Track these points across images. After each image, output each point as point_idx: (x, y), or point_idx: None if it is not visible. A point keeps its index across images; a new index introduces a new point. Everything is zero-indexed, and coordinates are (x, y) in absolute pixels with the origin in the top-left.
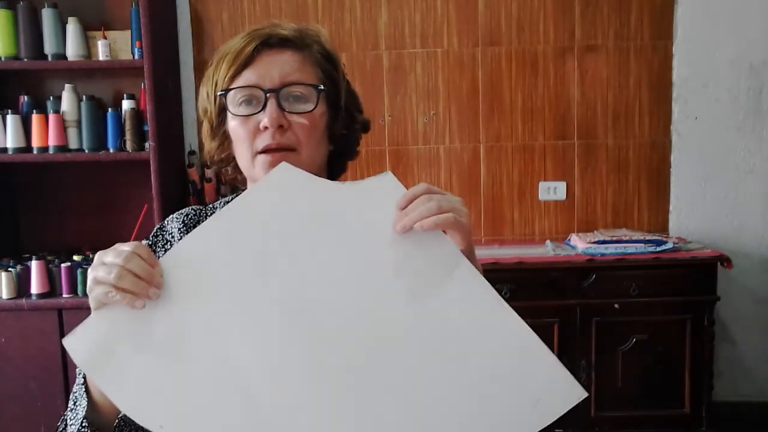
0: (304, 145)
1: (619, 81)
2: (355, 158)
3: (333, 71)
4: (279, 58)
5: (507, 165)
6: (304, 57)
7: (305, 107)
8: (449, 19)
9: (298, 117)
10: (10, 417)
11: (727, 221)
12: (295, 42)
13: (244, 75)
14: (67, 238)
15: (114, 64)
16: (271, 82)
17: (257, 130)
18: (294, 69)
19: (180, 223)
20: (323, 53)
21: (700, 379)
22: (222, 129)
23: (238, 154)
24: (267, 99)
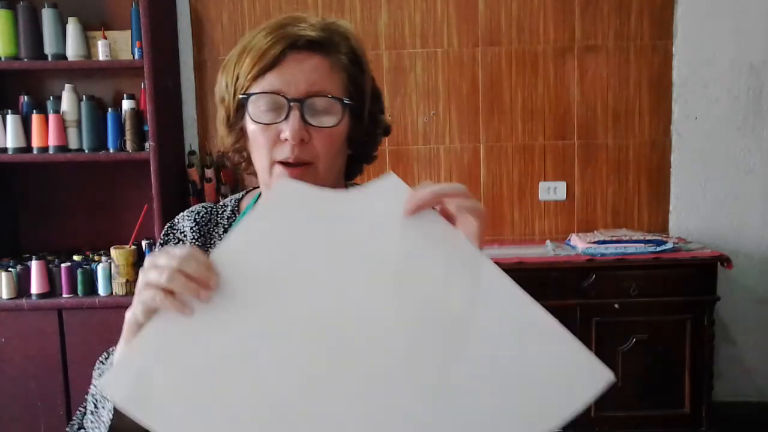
0: (322, 159)
1: (619, 81)
2: (371, 162)
3: (359, 76)
4: (306, 63)
5: (507, 165)
6: (332, 63)
7: (329, 121)
8: (449, 19)
9: (320, 131)
10: (10, 417)
11: (727, 221)
12: (323, 45)
13: (268, 78)
14: (67, 238)
15: (114, 64)
16: (296, 90)
17: (277, 140)
18: (320, 77)
19: (192, 221)
20: (351, 55)
21: (700, 379)
22: (239, 125)
23: (254, 157)
24: (290, 109)
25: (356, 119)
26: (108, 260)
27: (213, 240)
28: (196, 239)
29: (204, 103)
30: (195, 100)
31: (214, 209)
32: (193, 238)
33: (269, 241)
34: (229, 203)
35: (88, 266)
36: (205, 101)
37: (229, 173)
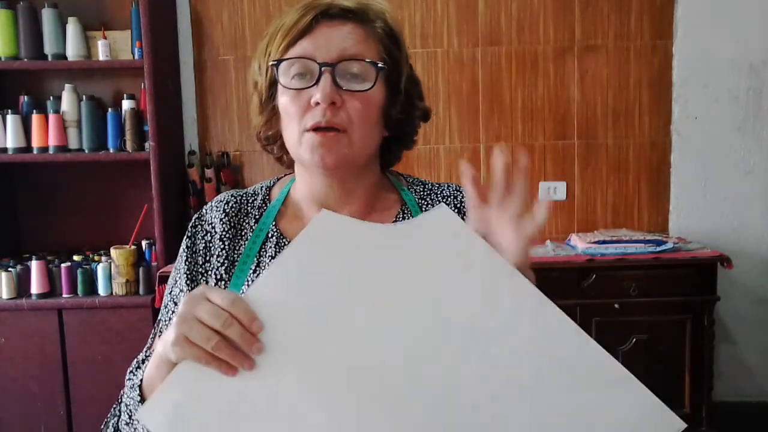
0: (356, 127)
1: (619, 81)
2: (411, 148)
3: (395, 50)
4: (339, 29)
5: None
6: (366, 32)
7: (362, 86)
8: (449, 19)
9: (353, 95)
10: (10, 417)
11: (727, 221)
12: (357, 14)
13: (300, 45)
14: (67, 238)
15: (114, 64)
16: (327, 55)
17: (308, 106)
18: (354, 42)
19: (221, 212)
20: (386, 30)
21: (700, 379)
22: (271, 104)
23: (285, 131)
24: (321, 73)
25: (392, 92)
26: (108, 260)
27: (244, 231)
28: (226, 231)
29: (204, 103)
30: (195, 100)
31: (244, 198)
32: (222, 231)
33: (308, 279)
34: (260, 191)
35: (88, 266)
36: (205, 101)
37: (229, 173)
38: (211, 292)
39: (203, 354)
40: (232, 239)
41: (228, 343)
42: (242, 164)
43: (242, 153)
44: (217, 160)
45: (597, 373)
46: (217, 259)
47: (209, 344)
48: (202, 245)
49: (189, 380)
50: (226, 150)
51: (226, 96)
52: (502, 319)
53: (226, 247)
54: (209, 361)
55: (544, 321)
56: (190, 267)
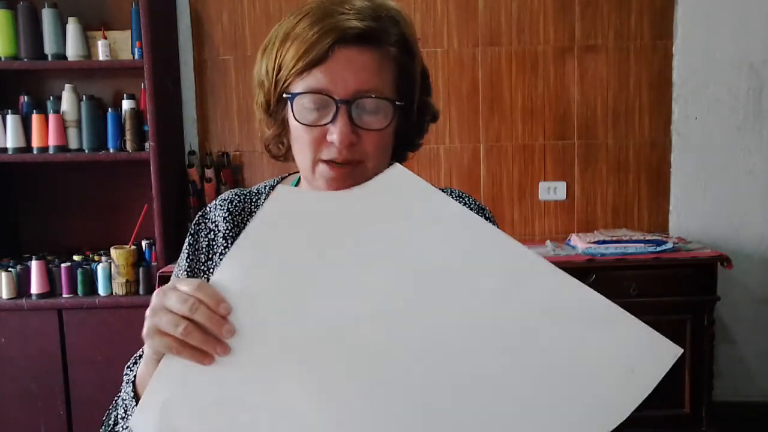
0: (372, 158)
1: (619, 81)
2: (416, 150)
3: (410, 64)
4: (355, 59)
5: (507, 165)
6: (382, 57)
7: (378, 123)
8: (449, 19)
9: (369, 132)
10: (10, 417)
11: (727, 221)
12: (374, 38)
13: (314, 75)
14: (67, 238)
15: (114, 64)
16: (344, 90)
17: (323, 140)
18: (370, 75)
19: (225, 211)
20: (401, 42)
21: (700, 379)
22: (281, 115)
23: (297, 153)
24: (338, 110)
25: (406, 114)
26: (108, 260)
27: None
28: (230, 230)
29: (204, 103)
30: (195, 100)
31: (248, 197)
32: (226, 229)
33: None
34: (264, 190)
35: (88, 266)
36: (205, 101)
37: (229, 173)
38: (179, 283)
39: (175, 343)
40: (235, 238)
41: (199, 329)
42: (242, 164)
43: (242, 153)
44: (217, 160)
45: (582, 311)
46: (219, 257)
47: (178, 330)
48: (205, 243)
49: (172, 378)
50: (226, 150)
51: (226, 96)
52: (474, 268)
53: (229, 246)
54: (181, 351)
55: (517, 264)
56: (192, 264)
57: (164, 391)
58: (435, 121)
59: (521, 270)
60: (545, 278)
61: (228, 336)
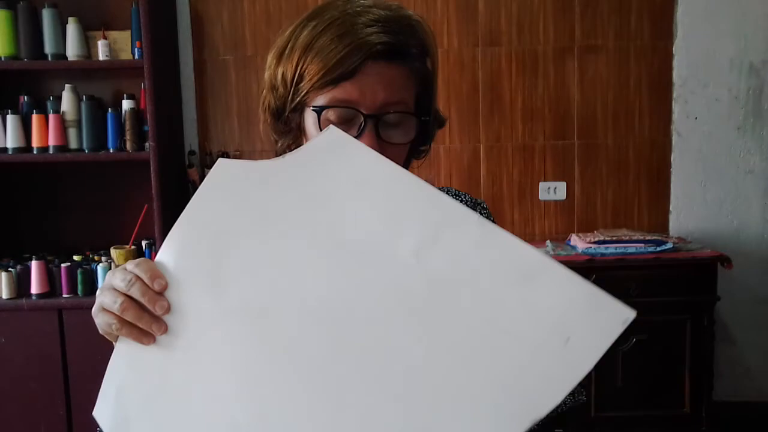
0: None
1: (619, 81)
2: (421, 158)
3: (431, 76)
4: (385, 74)
5: (507, 165)
6: (409, 71)
7: (402, 137)
8: (449, 19)
9: (393, 146)
10: (10, 417)
11: (727, 221)
12: (401, 52)
13: (343, 87)
14: (67, 238)
15: (114, 64)
16: (372, 103)
17: None
18: (398, 88)
19: None
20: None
21: (700, 379)
22: (296, 122)
23: None
24: (365, 124)
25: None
26: (108, 260)
27: None
28: None
29: (204, 103)
30: (195, 100)
31: None
32: None
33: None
34: None
35: (88, 266)
36: (205, 101)
37: None
38: (128, 263)
39: (114, 320)
40: None
41: (135, 306)
42: None
43: (242, 153)
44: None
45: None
46: None
47: (116, 306)
48: None
49: (123, 364)
50: (226, 150)
51: (226, 96)
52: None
53: None
54: (120, 327)
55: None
56: None
57: (117, 378)
58: (441, 128)
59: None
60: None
61: (161, 312)
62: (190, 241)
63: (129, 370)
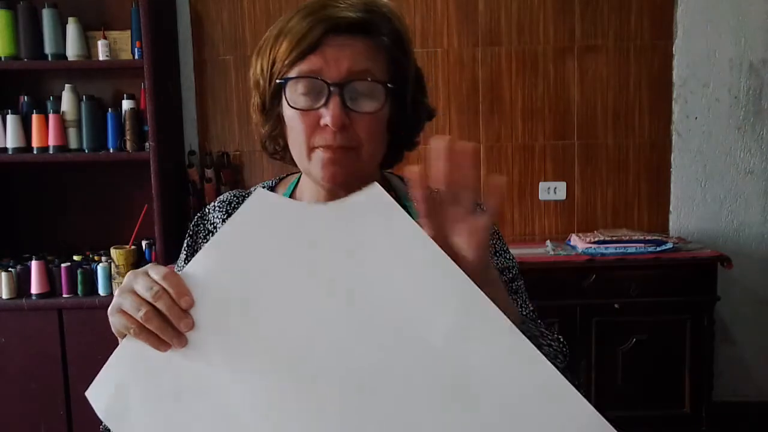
0: (365, 144)
1: (619, 81)
2: (413, 149)
3: (402, 58)
4: (347, 45)
5: (507, 165)
6: (374, 45)
7: (371, 106)
8: (449, 19)
9: (362, 116)
10: (10, 417)
11: (727, 221)
12: (365, 27)
13: (308, 60)
14: (67, 238)
15: (114, 64)
16: (337, 74)
17: (317, 125)
18: (362, 59)
19: (223, 212)
20: (393, 36)
21: (700, 379)
22: (276, 111)
23: (291, 144)
24: (330, 94)
25: (399, 104)
26: (108, 260)
27: None
28: None
29: (204, 103)
30: (195, 100)
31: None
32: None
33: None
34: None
35: (88, 266)
36: (205, 101)
37: (228, 173)
38: (151, 268)
39: (133, 324)
40: None
41: (159, 317)
42: (242, 164)
43: (242, 153)
44: (217, 160)
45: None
46: None
47: (139, 314)
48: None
49: (132, 359)
50: (226, 150)
51: (226, 96)
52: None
53: None
54: (138, 333)
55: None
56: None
57: (121, 370)
58: (431, 119)
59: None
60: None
61: (185, 329)
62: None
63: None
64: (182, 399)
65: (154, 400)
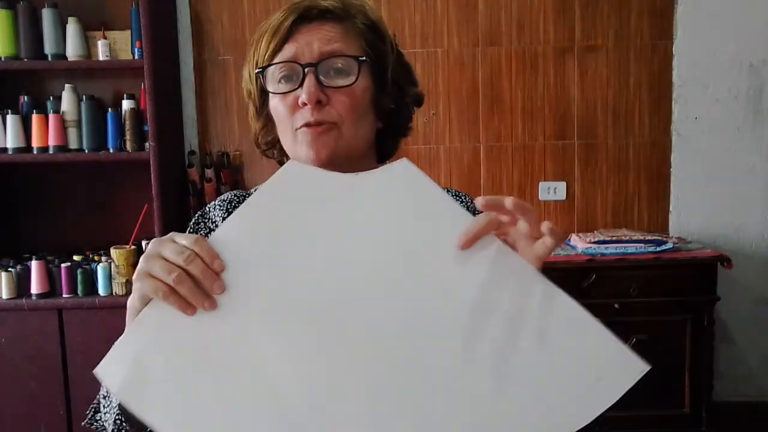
0: (345, 120)
1: (619, 81)
2: (407, 135)
3: (378, 42)
4: (319, 30)
5: (507, 165)
6: (346, 28)
7: (345, 81)
8: (449, 19)
9: (338, 90)
10: (10, 417)
11: (727, 221)
12: (336, 13)
13: (283, 50)
14: (67, 238)
15: (114, 64)
16: (309, 55)
17: (296, 106)
18: (334, 40)
19: (224, 211)
20: (368, 23)
21: (700, 379)
22: (265, 110)
23: (281, 134)
24: (305, 74)
25: (379, 83)
26: (108, 260)
27: None
28: None
29: (204, 103)
30: (195, 100)
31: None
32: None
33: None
34: None
35: (88, 266)
36: (205, 101)
37: (228, 173)
38: (176, 235)
39: (163, 287)
40: None
41: (190, 280)
42: (242, 164)
43: (242, 153)
44: (217, 160)
45: (559, 318)
46: None
47: (170, 277)
48: None
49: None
50: (226, 150)
51: (226, 96)
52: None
53: None
54: (168, 295)
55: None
56: None
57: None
58: (420, 105)
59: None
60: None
61: (218, 292)
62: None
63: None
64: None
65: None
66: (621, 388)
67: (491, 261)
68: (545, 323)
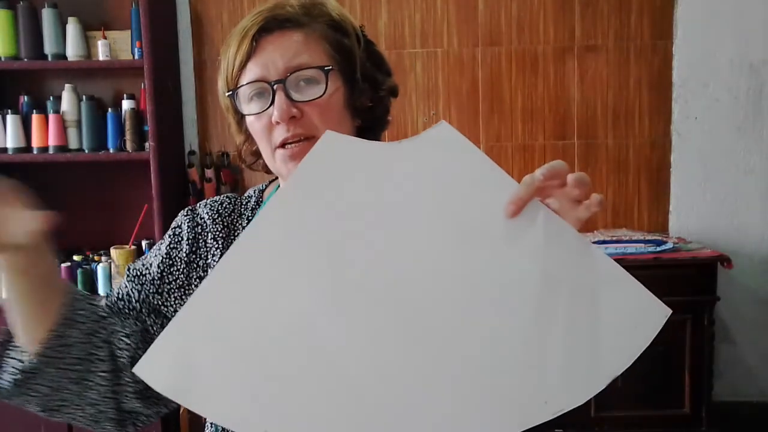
0: (322, 130)
1: (619, 81)
2: (387, 127)
3: (343, 39)
4: (280, 42)
5: (507, 165)
6: (307, 34)
7: (315, 92)
8: (449, 19)
9: (310, 103)
10: (10, 417)
11: (727, 221)
12: (295, 20)
13: (249, 68)
14: (67, 238)
15: (114, 64)
16: (275, 72)
17: (272, 125)
18: (297, 51)
19: (214, 211)
20: (330, 23)
21: (700, 379)
22: (244, 124)
23: (261, 151)
24: (274, 92)
25: (350, 83)
26: (108, 260)
27: (236, 231)
28: (219, 230)
29: (204, 103)
30: (195, 100)
31: (239, 200)
32: (216, 230)
33: (320, 199)
34: (253, 194)
35: (88, 266)
36: (205, 101)
37: (228, 173)
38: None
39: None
40: (225, 239)
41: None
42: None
43: None
44: (217, 160)
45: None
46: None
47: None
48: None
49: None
50: (226, 150)
51: None
52: (510, 233)
53: (220, 246)
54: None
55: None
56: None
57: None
58: (395, 96)
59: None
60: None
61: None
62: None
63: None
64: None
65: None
66: (653, 331)
67: (540, 227)
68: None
